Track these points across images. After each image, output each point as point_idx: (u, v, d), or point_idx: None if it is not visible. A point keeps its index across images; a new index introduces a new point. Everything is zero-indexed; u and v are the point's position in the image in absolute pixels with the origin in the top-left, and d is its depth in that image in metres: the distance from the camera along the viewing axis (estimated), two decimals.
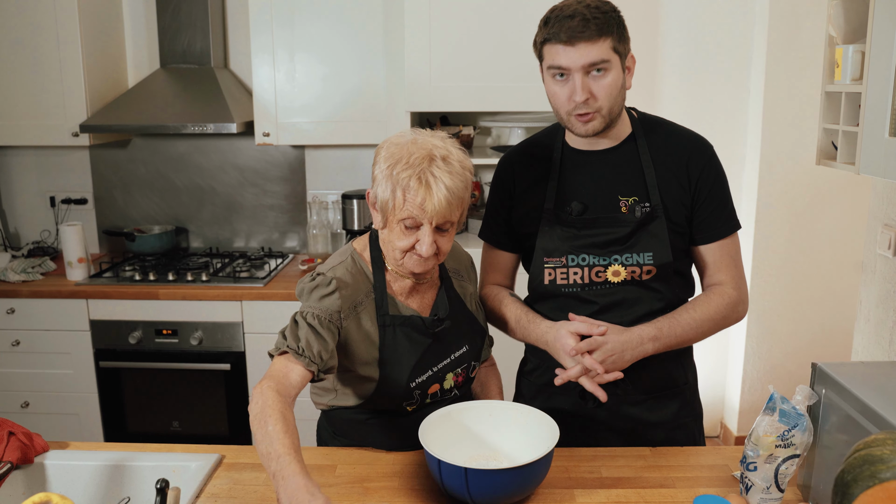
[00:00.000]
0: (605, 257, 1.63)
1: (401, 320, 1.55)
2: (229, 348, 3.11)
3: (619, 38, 1.52)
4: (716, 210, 1.64)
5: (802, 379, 1.43)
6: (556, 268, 1.66)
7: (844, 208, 3.37)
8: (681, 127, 1.71)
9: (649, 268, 1.62)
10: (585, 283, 1.65)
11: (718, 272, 1.67)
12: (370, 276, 1.56)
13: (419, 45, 2.97)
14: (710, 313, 1.63)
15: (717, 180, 1.65)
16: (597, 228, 1.63)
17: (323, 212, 3.51)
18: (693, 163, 1.63)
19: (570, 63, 1.51)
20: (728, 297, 1.65)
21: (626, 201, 1.63)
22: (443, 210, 1.42)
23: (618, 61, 1.53)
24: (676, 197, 1.63)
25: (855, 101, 1.92)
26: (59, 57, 3.16)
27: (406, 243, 1.47)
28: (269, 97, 3.20)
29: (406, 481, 1.49)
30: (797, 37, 3.21)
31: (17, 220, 3.70)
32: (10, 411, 3.18)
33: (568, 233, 1.64)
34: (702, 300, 1.66)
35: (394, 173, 1.42)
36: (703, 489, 1.46)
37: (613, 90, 1.54)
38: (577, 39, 1.48)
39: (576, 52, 1.49)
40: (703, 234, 1.66)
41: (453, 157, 1.46)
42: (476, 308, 1.72)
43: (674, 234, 1.63)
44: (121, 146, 3.59)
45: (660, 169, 1.63)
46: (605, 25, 1.49)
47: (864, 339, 2.35)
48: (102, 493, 1.56)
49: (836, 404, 1.31)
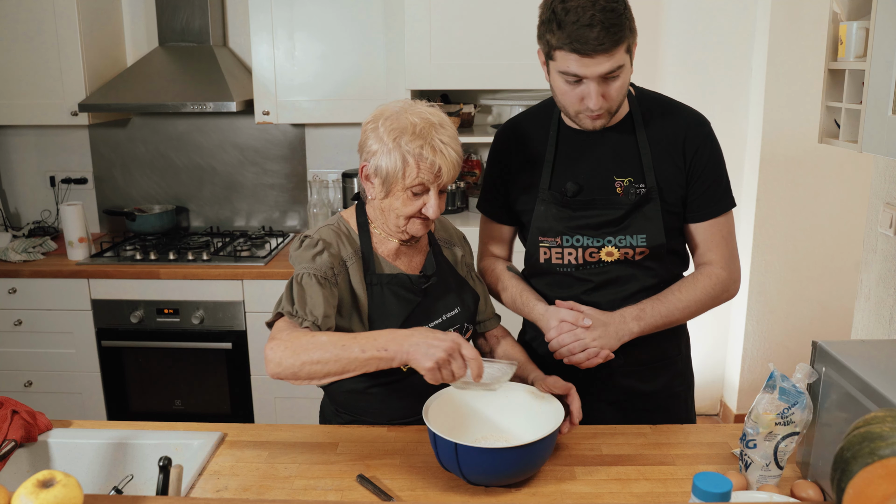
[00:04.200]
0: (598, 238, 1.64)
1: (387, 279, 1.58)
2: (230, 327, 3.12)
3: (631, 32, 1.48)
4: (710, 189, 1.65)
5: (802, 357, 1.44)
6: (552, 247, 1.69)
7: (846, 187, 3.36)
8: (678, 103, 1.70)
9: (642, 249, 1.64)
10: (579, 263, 1.67)
11: (709, 251, 1.68)
12: (356, 238, 1.60)
13: (419, 23, 2.95)
14: (697, 294, 1.65)
15: (711, 159, 1.64)
16: (591, 210, 1.64)
17: (323, 190, 3.50)
18: (689, 141, 1.63)
19: (587, 73, 1.47)
20: (716, 278, 1.67)
21: (621, 182, 1.63)
22: (453, 173, 1.51)
23: (628, 59, 1.50)
24: (671, 177, 1.63)
25: (858, 78, 1.90)
26: (57, 36, 3.14)
27: (412, 209, 1.52)
28: (269, 75, 3.18)
29: (407, 459, 1.50)
30: (800, 13, 3.18)
31: (17, 200, 3.69)
32: (14, 391, 3.19)
33: (563, 213, 1.65)
34: (689, 282, 1.68)
35: (402, 144, 1.46)
36: (702, 466, 1.47)
37: (623, 89, 1.53)
38: (598, 52, 1.43)
39: (595, 64, 1.45)
40: (696, 213, 1.66)
41: (445, 121, 1.52)
42: (468, 273, 1.75)
43: (668, 214, 1.64)
44: (120, 125, 3.58)
45: (655, 149, 1.63)
46: (621, 30, 1.43)
47: (865, 317, 2.36)
48: (106, 471, 1.57)
49: (835, 382, 1.32)
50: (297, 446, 1.56)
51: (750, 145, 3.42)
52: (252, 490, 1.41)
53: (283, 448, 1.56)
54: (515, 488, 1.39)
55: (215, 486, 1.42)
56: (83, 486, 1.24)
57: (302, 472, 1.46)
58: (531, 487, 1.40)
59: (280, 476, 1.45)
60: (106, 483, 1.56)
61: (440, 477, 1.43)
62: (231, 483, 1.43)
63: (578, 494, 1.38)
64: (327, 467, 1.48)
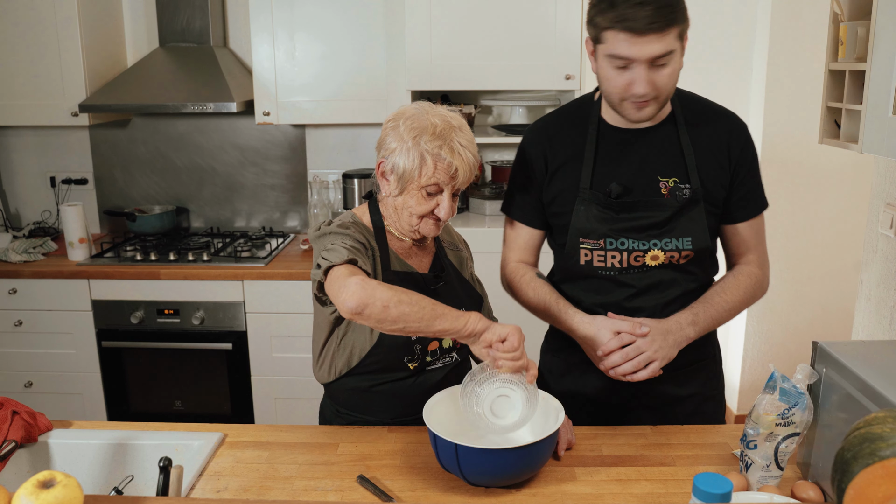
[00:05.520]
0: (644, 241, 1.60)
1: (402, 276, 1.59)
2: (231, 328, 3.12)
3: (683, 17, 1.46)
4: (751, 189, 1.64)
5: (803, 358, 1.44)
6: (593, 250, 1.64)
7: (846, 187, 3.35)
8: (716, 104, 1.68)
9: (687, 252, 1.61)
10: (623, 266, 1.63)
11: (748, 251, 1.68)
12: (372, 236, 1.61)
13: (420, 23, 2.95)
14: (741, 295, 1.65)
15: (753, 159, 1.65)
16: (637, 212, 1.60)
17: (324, 191, 3.50)
18: (734, 143, 1.62)
19: (637, 55, 1.43)
20: (755, 278, 1.67)
21: (666, 182, 1.60)
22: (468, 176, 1.53)
23: (680, 47, 1.48)
24: (716, 178, 1.61)
25: (859, 79, 1.90)
26: (58, 36, 3.14)
27: (426, 208, 1.53)
28: (269, 76, 3.18)
29: (407, 459, 1.50)
30: (800, 14, 3.18)
31: (17, 201, 3.69)
32: (14, 391, 3.19)
33: (605, 214, 1.61)
34: (731, 283, 1.66)
35: (422, 143, 1.48)
36: (703, 467, 1.47)
37: (674, 78, 1.50)
38: (649, 31, 1.40)
39: (645, 43, 1.42)
40: (739, 213, 1.65)
41: (465, 126, 1.54)
42: (471, 276, 1.77)
43: (710, 216, 1.62)
44: (120, 126, 3.58)
45: (699, 149, 1.61)
46: (675, 12, 1.42)
47: (865, 318, 2.36)
48: (106, 472, 1.57)
49: (836, 383, 1.32)
50: (297, 447, 1.56)
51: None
52: (252, 491, 1.41)
53: (283, 449, 1.56)
54: (516, 489, 1.39)
55: (215, 487, 1.42)
56: (83, 486, 1.24)
57: (302, 473, 1.46)
58: (531, 488, 1.40)
59: (280, 477, 1.45)
60: (106, 483, 1.56)
61: (440, 478, 1.43)
62: (231, 484, 1.43)
63: (579, 495, 1.38)
64: (328, 468, 1.48)
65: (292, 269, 3.04)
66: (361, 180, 3.30)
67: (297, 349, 3.09)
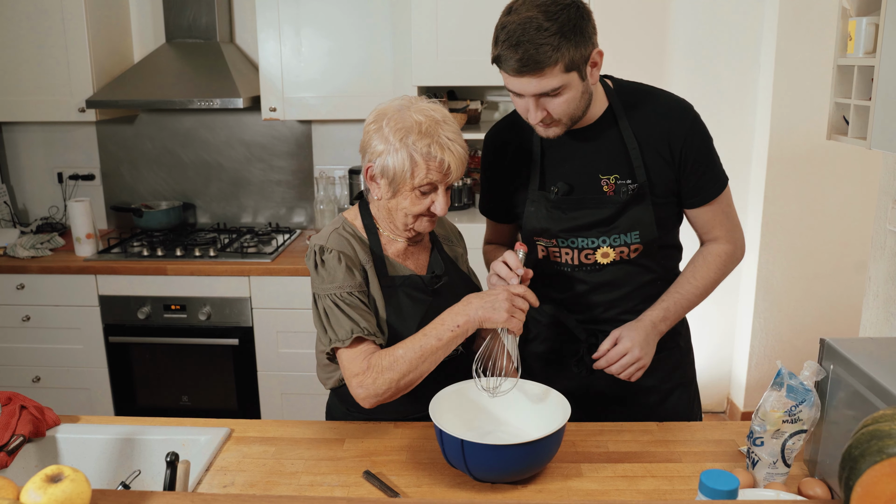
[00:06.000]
0: (593, 238, 1.64)
1: (401, 280, 1.58)
2: (237, 323, 3.12)
3: (573, 53, 1.42)
4: (703, 175, 1.64)
5: (810, 355, 1.43)
6: (548, 247, 1.70)
7: (854, 184, 3.34)
8: (658, 91, 1.67)
9: (636, 246, 1.64)
10: (575, 264, 1.68)
11: (712, 230, 1.70)
12: (366, 242, 1.59)
13: (426, 19, 2.94)
14: (710, 274, 1.68)
15: (701, 146, 1.62)
16: (582, 209, 1.63)
17: (330, 187, 3.50)
18: (674, 134, 1.60)
19: (520, 90, 1.48)
20: (724, 254, 1.69)
21: (607, 180, 1.62)
22: (461, 170, 1.50)
23: (574, 77, 1.46)
24: (661, 171, 1.61)
25: (867, 74, 1.89)
26: (65, 32, 3.14)
27: (421, 207, 1.51)
28: (276, 72, 3.18)
29: (413, 455, 1.51)
30: (808, 9, 3.16)
31: (25, 197, 3.70)
32: (22, 386, 3.21)
33: (554, 214, 1.65)
34: (699, 265, 1.69)
35: (409, 143, 1.45)
36: (709, 464, 1.47)
37: (571, 105, 1.50)
38: (524, 73, 1.43)
39: (524, 83, 1.45)
40: (694, 199, 1.66)
41: (448, 117, 1.51)
42: (468, 269, 1.77)
43: (660, 207, 1.63)
44: (127, 122, 3.58)
45: (642, 142, 1.61)
46: (553, 51, 1.40)
47: (873, 315, 2.35)
48: (113, 466, 1.57)
49: (843, 380, 1.31)
50: (303, 442, 1.56)
51: (758, 142, 3.40)
52: (259, 486, 1.41)
53: (289, 444, 1.56)
54: (522, 485, 1.39)
55: (222, 482, 1.42)
56: (91, 480, 1.25)
57: (308, 469, 1.47)
58: (537, 484, 1.40)
59: (286, 472, 1.46)
60: (113, 478, 1.56)
61: (446, 473, 1.44)
62: (238, 479, 1.43)
63: (585, 491, 1.38)
64: (334, 463, 1.48)
65: (299, 265, 3.05)
66: None
67: (303, 345, 3.09)
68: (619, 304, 1.70)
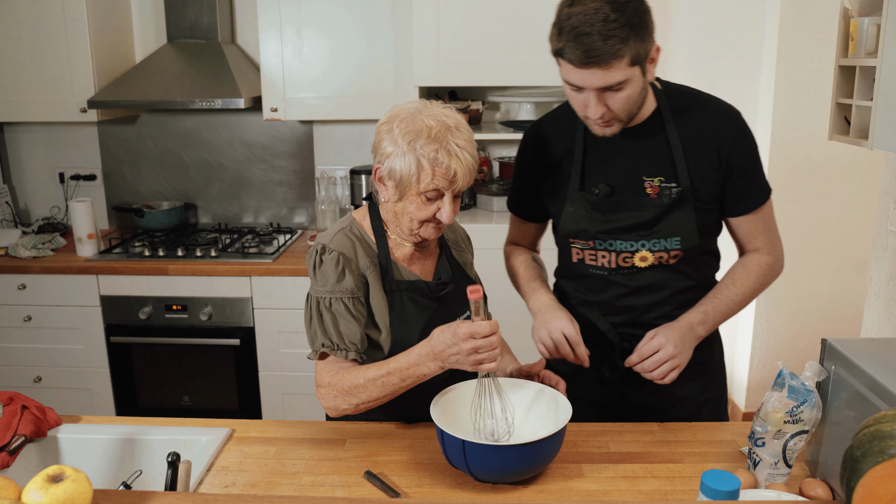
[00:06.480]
0: (632, 242, 1.61)
1: (406, 285, 1.56)
2: (238, 324, 3.12)
3: (639, 47, 1.41)
4: (748, 182, 1.61)
5: (811, 355, 1.43)
6: (584, 249, 1.66)
7: (856, 184, 3.34)
8: (707, 96, 1.65)
9: (676, 252, 1.61)
10: (612, 267, 1.64)
11: (754, 240, 1.67)
12: (373, 245, 1.58)
13: (427, 19, 2.94)
14: (751, 284, 1.65)
15: (748, 152, 1.60)
16: (622, 212, 1.60)
17: (331, 187, 3.50)
18: (724, 138, 1.58)
19: (582, 83, 1.44)
20: (765, 265, 1.66)
21: (650, 182, 1.59)
22: (469, 178, 1.47)
23: (637, 72, 1.44)
24: (707, 175, 1.58)
25: (869, 75, 1.89)
26: (66, 33, 3.15)
27: (427, 213, 1.49)
28: (277, 72, 3.18)
29: (415, 455, 1.51)
30: (810, 9, 3.16)
31: (26, 197, 3.71)
32: (23, 386, 3.21)
33: (593, 215, 1.62)
34: (740, 273, 1.66)
35: (417, 147, 1.43)
36: (711, 464, 1.47)
37: (631, 100, 1.48)
38: (590, 65, 1.39)
39: (589, 75, 1.41)
40: (737, 207, 1.63)
41: (462, 124, 1.48)
42: (475, 276, 1.76)
43: (702, 213, 1.60)
44: (129, 122, 3.59)
45: (688, 147, 1.58)
46: (621, 43, 1.37)
47: (874, 315, 2.34)
48: (115, 466, 1.57)
49: (845, 380, 1.31)
50: (304, 442, 1.57)
51: (759, 142, 3.38)
52: (260, 486, 1.41)
53: (290, 444, 1.56)
54: (523, 485, 1.39)
55: (223, 482, 1.42)
56: (92, 481, 1.25)
57: (310, 469, 1.47)
58: (538, 485, 1.40)
59: (288, 472, 1.46)
60: (115, 478, 1.57)
61: (448, 474, 1.44)
62: (239, 479, 1.43)
63: (586, 492, 1.38)
64: (335, 463, 1.48)
65: (300, 265, 3.05)
66: (369, 176, 3.31)
67: (304, 345, 3.06)
68: (654, 310, 1.66)
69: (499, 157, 3.55)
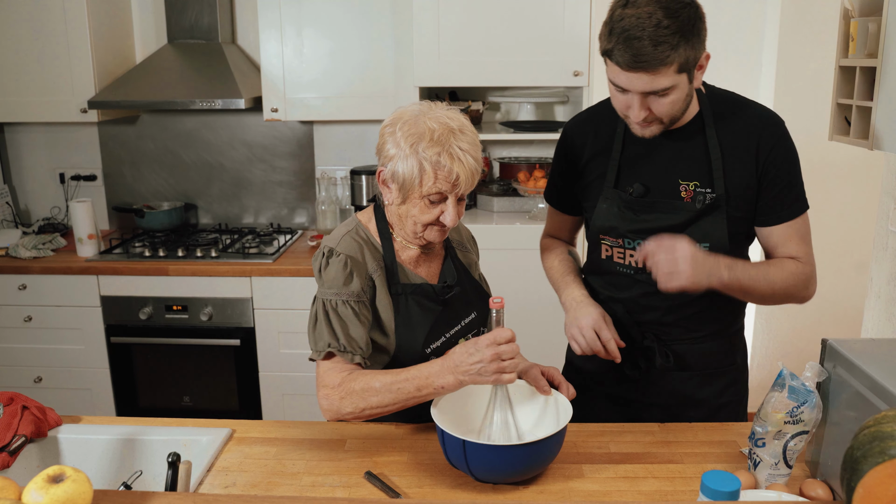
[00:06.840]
0: None
1: (412, 288, 1.56)
2: (239, 324, 3.12)
3: (688, 54, 1.40)
4: (782, 192, 1.57)
5: (811, 356, 1.43)
6: (613, 246, 1.66)
7: (856, 185, 3.34)
8: (751, 102, 1.63)
9: None
10: (640, 266, 1.62)
11: (787, 247, 1.60)
12: (378, 247, 1.57)
13: (428, 20, 2.95)
14: (784, 276, 1.57)
15: (785, 161, 1.57)
16: (655, 213, 1.59)
17: (332, 188, 3.50)
18: (763, 144, 1.56)
19: (629, 86, 1.43)
20: (802, 270, 1.59)
21: (686, 185, 1.58)
22: (471, 182, 1.46)
23: (684, 78, 1.43)
24: (742, 181, 1.57)
25: (869, 75, 1.89)
26: (67, 33, 3.15)
27: (430, 217, 1.49)
28: (277, 73, 3.18)
29: (415, 456, 1.51)
30: (810, 10, 3.16)
31: (27, 197, 3.71)
32: (23, 386, 3.21)
33: (626, 214, 1.62)
34: (776, 264, 1.59)
35: (420, 150, 1.43)
36: (711, 465, 1.47)
37: (675, 106, 1.47)
38: (637, 69, 1.38)
39: (635, 79, 1.41)
40: (768, 217, 1.60)
41: (466, 126, 1.48)
42: (480, 277, 1.75)
43: (735, 220, 1.58)
44: (129, 122, 3.59)
45: (727, 154, 1.57)
46: (671, 50, 1.36)
47: (875, 315, 2.34)
48: (115, 467, 1.57)
49: (845, 381, 1.31)
50: (305, 443, 1.56)
51: None
52: (260, 486, 1.41)
53: (291, 444, 1.56)
54: (523, 486, 1.39)
55: (223, 483, 1.42)
56: (92, 481, 1.25)
57: (310, 469, 1.47)
58: (539, 485, 1.40)
59: (288, 472, 1.46)
60: (115, 478, 1.57)
61: (448, 474, 1.44)
62: (239, 479, 1.43)
63: (586, 492, 1.38)
64: (335, 464, 1.48)
65: (300, 266, 3.05)
66: (369, 177, 3.31)
67: (304, 345, 3.06)
68: (677, 311, 1.65)
69: (499, 157, 3.55)
